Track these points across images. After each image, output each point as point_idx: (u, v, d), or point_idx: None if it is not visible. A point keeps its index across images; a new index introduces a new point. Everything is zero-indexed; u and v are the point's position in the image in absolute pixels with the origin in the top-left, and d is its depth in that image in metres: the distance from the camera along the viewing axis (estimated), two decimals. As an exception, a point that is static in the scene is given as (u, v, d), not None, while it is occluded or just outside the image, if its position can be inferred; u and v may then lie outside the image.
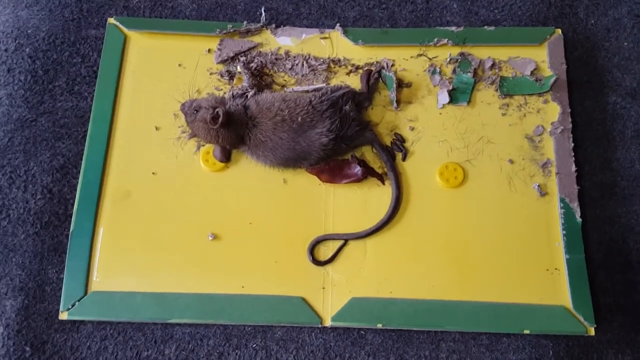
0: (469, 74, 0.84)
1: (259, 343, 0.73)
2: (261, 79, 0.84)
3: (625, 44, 0.89)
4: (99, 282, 0.74)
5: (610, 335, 0.74)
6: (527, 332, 0.72)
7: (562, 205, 0.78)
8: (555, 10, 0.91)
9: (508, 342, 0.74)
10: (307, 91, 0.81)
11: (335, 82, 0.84)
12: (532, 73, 0.84)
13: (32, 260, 0.76)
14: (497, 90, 0.84)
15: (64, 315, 0.73)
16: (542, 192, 0.78)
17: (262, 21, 0.88)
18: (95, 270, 0.75)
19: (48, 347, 0.73)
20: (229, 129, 0.75)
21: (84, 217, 0.77)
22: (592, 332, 0.72)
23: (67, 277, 0.74)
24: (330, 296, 0.74)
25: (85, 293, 0.74)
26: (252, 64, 0.85)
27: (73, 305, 0.73)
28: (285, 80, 0.85)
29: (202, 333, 0.74)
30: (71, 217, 0.77)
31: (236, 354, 0.73)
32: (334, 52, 0.87)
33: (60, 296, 0.74)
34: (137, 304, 0.73)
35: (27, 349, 0.73)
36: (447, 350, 0.73)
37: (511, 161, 0.80)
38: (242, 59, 0.85)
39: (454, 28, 0.87)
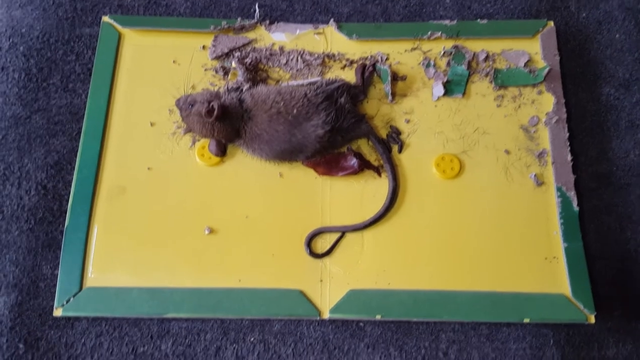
0: (463, 66, 0.84)
1: (256, 337, 0.73)
2: (256, 74, 0.84)
3: (617, 36, 0.90)
4: (94, 277, 0.73)
5: (611, 323, 0.74)
6: (527, 320, 0.71)
7: (559, 194, 0.77)
8: (547, 4, 0.92)
9: (508, 331, 0.73)
10: (303, 85, 0.81)
11: (330, 76, 0.84)
12: (525, 64, 0.85)
13: (26, 256, 0.76)
14: (491, 82, 0.84)
15: (58, 312, 0.72)
16: (539, 181, 0.78)
17: (256, 17, 0.88)
18: (90, 266, 0.74)
19: (42, 344, 0.72)
20: (224, 123, 0.75)
21: (78, 213, 0.76)
22: (592, 319, 0.72)
23: (61, 273, 0.73)
24: (328, 288, 0.73)
25: (80, 289, 0.72)
26: (246, 60, 0.84)
27: (68, 302, 0.72)
28: (280, 75, 0.85)
29: (199, 327, 0.73)
30: (66, 213, 0.76)
31: (234, 348, 0.72)
32: (329, 47, 0.87)
33: (55, 292, 0.72)
34: (132, 299, 0.72)
35: (21, 346, 0.72)
36: (447, 340, 0.73)
37: (507, 151, 0.80)
38: (237, 54, 0.85)
39: (447, 21, 0.87)
